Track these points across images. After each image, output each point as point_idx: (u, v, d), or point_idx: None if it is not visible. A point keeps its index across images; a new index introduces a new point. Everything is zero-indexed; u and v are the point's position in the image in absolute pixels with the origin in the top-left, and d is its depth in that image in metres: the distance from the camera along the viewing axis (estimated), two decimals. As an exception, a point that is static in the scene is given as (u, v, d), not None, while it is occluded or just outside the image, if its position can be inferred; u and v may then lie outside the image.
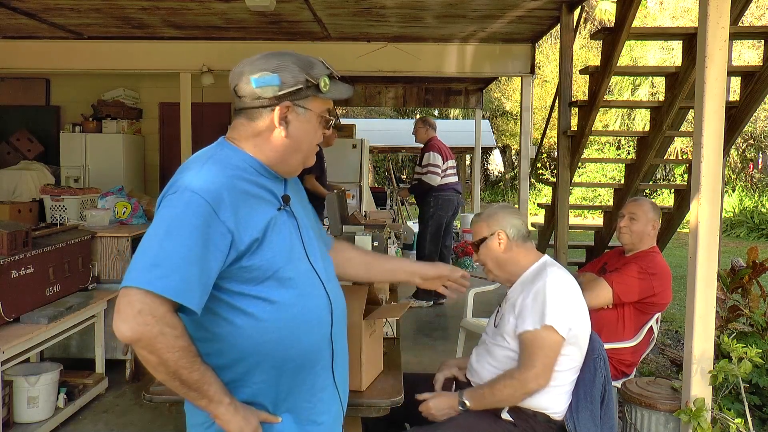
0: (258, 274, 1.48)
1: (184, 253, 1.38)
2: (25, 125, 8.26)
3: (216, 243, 1.42)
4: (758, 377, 3.23)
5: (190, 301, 1.38)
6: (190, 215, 1.40)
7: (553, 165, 19.86)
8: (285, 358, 1.52)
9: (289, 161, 1.58)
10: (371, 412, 2.08)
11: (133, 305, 1.34)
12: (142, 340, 1.35)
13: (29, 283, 3.47)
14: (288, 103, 1.54)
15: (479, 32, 6.50)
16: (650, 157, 5.03)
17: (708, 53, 2.66)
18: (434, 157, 6.51)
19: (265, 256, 1.48)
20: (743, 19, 6.05)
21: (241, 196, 1.48)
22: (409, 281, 1.96)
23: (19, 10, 5.73)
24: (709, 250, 2.71)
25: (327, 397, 1.62)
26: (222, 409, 1.44)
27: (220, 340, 1.50)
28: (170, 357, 1.36)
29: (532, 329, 2.23)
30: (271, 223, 1.51)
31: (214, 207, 1.42)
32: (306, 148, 1.59)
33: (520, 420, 2.27)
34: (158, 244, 1.39)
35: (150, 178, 8.56)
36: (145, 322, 1.34)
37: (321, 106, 1.58)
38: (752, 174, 17.37)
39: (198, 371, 1.40)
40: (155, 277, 1.35)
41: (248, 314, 1.48)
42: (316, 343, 1.57)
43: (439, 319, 6.13)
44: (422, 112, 23.63)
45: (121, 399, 4.00)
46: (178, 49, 7.02)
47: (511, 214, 2.45)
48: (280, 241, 1.52)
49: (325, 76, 1.55)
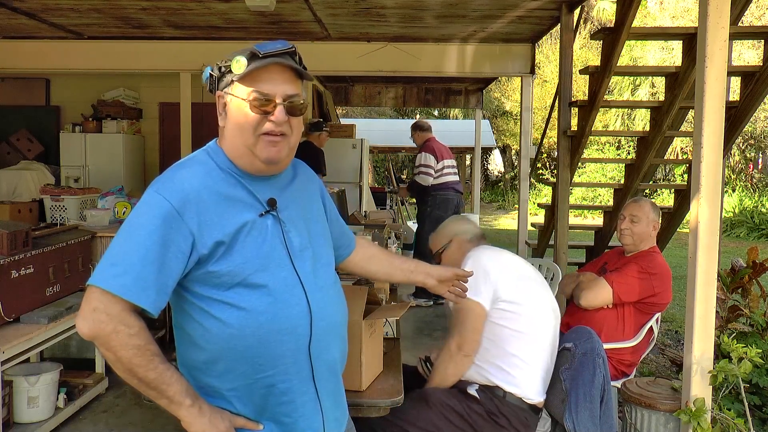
0: (226, 280, 1.45)
1: (141, 254, 1.39)
2: (25, 125, 8.25)
3: (177, 244, 1.41)
4: (758, 377, 3.23)
5: (144, 301, 1.39)
6: (151, 216, 1.42)
7: (553, 165, 19.86)
8: (255, 366, 1.47)
9: (237, 152, 1.51)
10: (371, 412, 2.08)
11: (90, 303, 1.38)
12: (98, 337, 1.39)
13: (29, 283, 3.47)
14: (219, 92, 1.54)
15: (479, 32, 6.50)
16: (650, 157, 5.03)
17: (708, 53, 2.66)
18: (426, 158, 6.57)
19: (235, 261, 1.45)
20: (743, 19, 6.05)
21: (211, 199, 1.46)
22: (425, 283, 1.95)
23: (19, 10, 5.73)
24: (709, 250, 2.71)
25: (307, 411, 1.54)
26: (183, 411, 1.43)
27: (194, 341, 1.49)
28: (124, 354, 1.38)
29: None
30: (245, 227, 1.47)
31: (177, 208, 1.42)
32: (243, 135, 1.49)
33: (486, 398, 2.31)
34: (118, 245, 1.42)
35: (150, 178, 8.44)
36: (99, 320, 1.37)
37: (245, 91, 1.47)
38: (752, 174, 17.37)
39: (155, 371, 1.40)
40: (111, 276, 1.38)
41: (216, 318, 1.46)
42: (290, 354, 1.49)
43: (439, 319, 6.13)
44: (422, 112, 23.65)
45: (121, 399, 4.00)
46: (178, 49, 7.02)
47: (457, 224, 2.71)
48: (254, 246, 1.47)
49: (239, 56, 1.47)
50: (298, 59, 1.53)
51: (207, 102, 7.80)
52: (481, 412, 2.28)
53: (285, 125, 1.49)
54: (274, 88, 1.48)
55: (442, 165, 6.59)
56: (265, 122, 1.48)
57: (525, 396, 2.34)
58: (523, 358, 2.36)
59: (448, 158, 6.69)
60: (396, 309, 2.37)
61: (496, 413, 2.29)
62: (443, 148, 6.71)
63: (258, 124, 1.48)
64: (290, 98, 1.49)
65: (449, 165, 6.69)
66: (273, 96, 1.47)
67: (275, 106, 1.47)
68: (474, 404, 2.30)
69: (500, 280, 2.38)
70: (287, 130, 1.51)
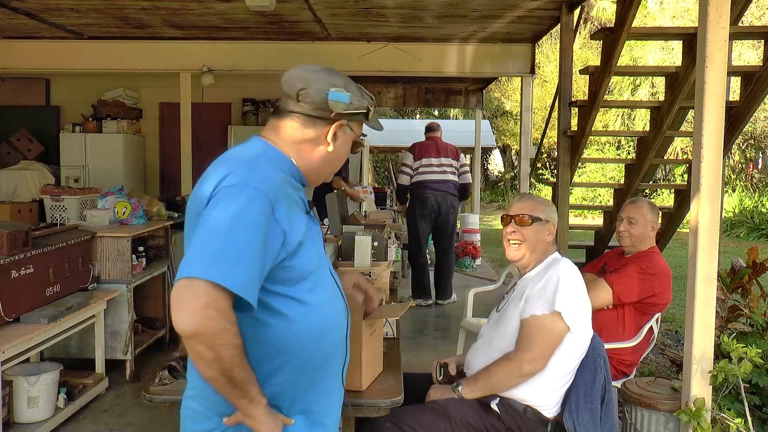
0: (295, 275, 1.50)
1: (248, 249, 1.36)
2: (25, 125, 8.25)
3: (271, 241, 1.42)
4: (758, 377, 3.22)
5: (253, 297, 1.37)
6: (254, 211, 1.39)
7: (553, 165, 19.86)
8: (309, 359, 1.54)
9: (322, 173, 1.66)
10: (371, 412, 2.07)
11: (199, 298, 1.30)
12: (205, 335, 1.31)
13: (29, 283, 3.47)
14: (344, 121, 1.60)
15: (479, 32, 6.50)
16: (650, 157, 5.03)
17: (708, 53, 2.66)
18: (405, 156, 6.64)
19: (303, 258, 1.51)
20: (743, 19, 6.05)
21: (289, 199, 1.51)
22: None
23: (19, 10, 5.73)
24: (709, 250, 2.71)
25: (335, 399, 1.65)
26: (260, 410, 1.43)
27: (250, 339, 1.46)
28: (227, 354, 1.34)
29: (540, 314, 2.26)
30: (307, 227, 1.56)
31: (273, 205, 1.43)
32: (339, 164, 1.67)
33: (507, 414, 2.28)
34: (223, 237, 1.35)
35: (150, 178, 8.56)
36: (210, 317, 1.30)
37: (359, 130, 1.68)
38: (752, 174, 17.37)
39: (247, 370, 1.39)
40: (222, 271, 1.32)
41: (281, 314, 1.49)
42: (336, 346, 1.61)
43: (439, 319, 6.13)
44: (422, 112, 23.64)
45: (121, 399, 4.00)
46: (178, 49, 7.02)
47: (555, 213, 2.58)
48: (312, 245, 1.56)
49: (372, 105, 1.65)
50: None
51: (207, 102, 7.81)
52: (501, 428, 2.27)
53: None
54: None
55: (419, 164, 6.51)
56: None
57: (543, 410, 2.31)
58: (559, 375, 2.33)
59: (435, 156, 6.54)
60: (396, 309, 2.37)
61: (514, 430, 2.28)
62: (434, 146, 6.60)
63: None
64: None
65: (433, 164, 6.53)
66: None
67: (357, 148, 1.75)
68: (494, 420, 2.28)
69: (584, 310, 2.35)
70: None
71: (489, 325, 2.52)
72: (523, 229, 2.47)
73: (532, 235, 2.46)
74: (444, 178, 6.56)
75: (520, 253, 2.48)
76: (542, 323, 2.26)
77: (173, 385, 2.08)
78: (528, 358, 2.25)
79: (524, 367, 2.25)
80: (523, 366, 2.25)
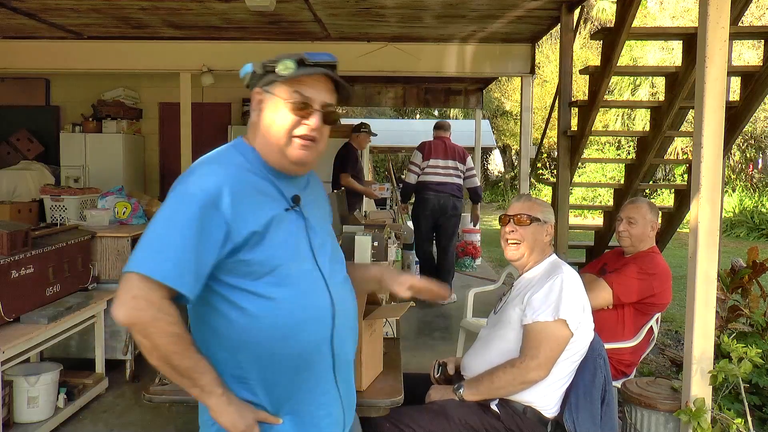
0: (257, 269, 1.49)
1: (180, 241, 1.42)
2: (25, 125, 8.26)
3: (211, 233, 1.45)
4: (758, 377, 3.23)
5: (184, 287, 1.41)
6: (187, 206, 1.45)
7: (553, 165, 19.86)
8: (281, 355, 1.51)
9: (268, 149, 1.57)
10: (371, 412, 2.08)
11: (130, 290, 1.39)
12: (137, 324, 1.39)
13: (29, 283, 3.47)
14: (258, 89, 1.58)
15: (479, 32, 6.50)
16: (650, 157, 5.03)
17: (708, 53, 2.66)
18: (414, 155, 6.60)
19: (266, 251, 1.50)
20: (743, 19, 6.05)
21: (245, 191, 1.50)
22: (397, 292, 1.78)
23: (19, 10, 5.73)
24: (709, 250, 2.71)
25: (328, 401, 1.60)
26: (213, 400, 1.46)
27: (218, 333, 1.52)
28: (162, 342, 1.40)
29: (543, 321, 2.26)
30: (275, 220, 1.52)
31: (212, 199, 1.45)
32: (277, 134, 1.54)
33: (507, 415, 2.28)
34: (155, 233, 1.45)
35: (150, 178, 8.56)
36: (139, 307, 1.38)
37: (287, 92, 1.53)
38: (752, 174, 17.37)
39: (190, 359, 1.43)
40: (151, 263, 1.40)
41: (241, 308, 1.49)
42: (315, 344, 1.55)
43: (439, 319, 6.13)
44: (422, 112, 23.65)
45: (121, 399, 4.00)
46: (178, 49, 7.02)
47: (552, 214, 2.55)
48: (283, 239, 1.53)
49: (287, 60, 1.53)
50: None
51: (207, 102, 7.82)
52: (501, 429, 2.27)
53: (317, 131, 1.57)
54: (314, 95, 1.55)
55: (426, 164, 6.52)
56: (301, 125, 1.54)
57: (543, 410, 2.31)
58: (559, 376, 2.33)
59: (442, 158, 6.54)
60: (396, 309, 2.37)
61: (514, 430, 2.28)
62: (442, 147, 6.60)
63: (293, 126, 1.54)
64: (327, 107, 1.57)
65: (439, 165, 6.53)
66: (312, 102, 1.54)
67: (313, 112, 1.55)
68: (494, 421, 2.28)
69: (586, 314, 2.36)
70: (319, 136, 1.58)
71: (487, 328, 2.53)
72: (522, 229, 2.47)
73: (530, 234, 2.47)
74: (446, 181, 6.56)
75: (519, 252, 2.48)
76: (547, 330, 2.26)
77: (173, 385, 2.08)
78: (533, 366, 2.25)
79: (529, 374, 2.26)
80: (528, 374, 2.26)
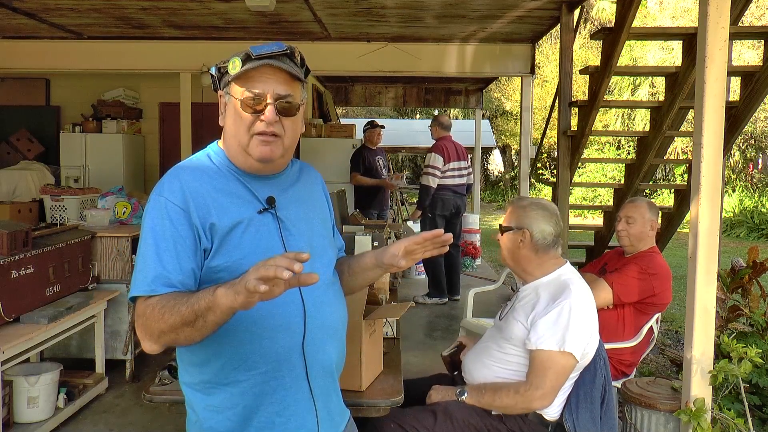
0: (224, 276, 1.43)
1: (154, 251, 1.44)
2: (25, 125, 8.26)
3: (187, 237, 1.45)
4: (758, 377, 3.23)
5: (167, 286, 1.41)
6: (158, 218, 1.47)
7: (553, 165, 19.86)
8: (248, 362, 1.48)
9: (234, 150, 1.55)
10: (371, 412, 2.08)
11: (137, 318, 1.44)
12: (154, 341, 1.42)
13: (29, 283, 3.47)
14: (220, 92, 1.57)
15: (479, 32, 6.50)
16: (650, 157, 5.03)
17: (708, 53, 2.66)
18: (434, 159, 6.49)
19: (232, 256, 1.47)
20: (743, 19, 6.05)
21: (210, 194, 1.49)
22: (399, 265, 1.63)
23: (19, 10, 5.73)
24: (709, 250, 2.71)
25: (301, 410, 1.53)
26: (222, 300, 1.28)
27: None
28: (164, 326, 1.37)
29: (548, 350, 2.20)
30: (242, 223, 1.49)
31: (180, 205, 1.46)
32: (239, 134, 1.51)
33: (508, 416, 2.27)
34: (140, 251, 1.48)
35: (150, 178, 8.55)
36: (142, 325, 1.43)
37: (240, 90, 1.50)
38: (752, 174, 17.36)
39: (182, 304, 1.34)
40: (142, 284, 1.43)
41: None
42: (284, 351, 1.49)
43: (439, 319, 6.13)
44: (422, 112, 23.65)
45: (121, 399, 4.00)
46: (178, 49, 7.02)
47: (544, 219, 2.35)
48: (252, 242, 1.49)
49: (235, 58, 1.50)
50: (299, 60, 1.54)
51: (207, 102, 7.80)
52: (503, 430, 2.26)
53: (277, 125, 1.50)
54: (265, 88, 1.49)
55: (447, 167, 6.53)
56: (257, 122, 1.50)
57: (546, 414, 2.30)
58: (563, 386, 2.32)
59: (456, 160, 6.58)
60: (396, 309, 2.37)
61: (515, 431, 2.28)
62: (454, 149, 6.61)
63: (251, 124, 1.50)
64: (282, 98, 1.50)
65: (454, 168, 6.57)
66: (264, 96, 1.48)
67: (266, 106, 1.49)
68: (496, 422, 2.27)
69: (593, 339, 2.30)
70: (279, 131, 1.51)
71: (492, 331, 2.50)
72: (501, 240, 2.43)
73: (504, 245, 2.41)
74: (462, 182, 6.68)
75: (507, 263, 2.44)
76: (553, 359, 2.21)
77: (173, 385, 2.08)
78: (538, 395, 2.22)
79: (533, 403, 2.23)
80: (532, 402, 2.23)
